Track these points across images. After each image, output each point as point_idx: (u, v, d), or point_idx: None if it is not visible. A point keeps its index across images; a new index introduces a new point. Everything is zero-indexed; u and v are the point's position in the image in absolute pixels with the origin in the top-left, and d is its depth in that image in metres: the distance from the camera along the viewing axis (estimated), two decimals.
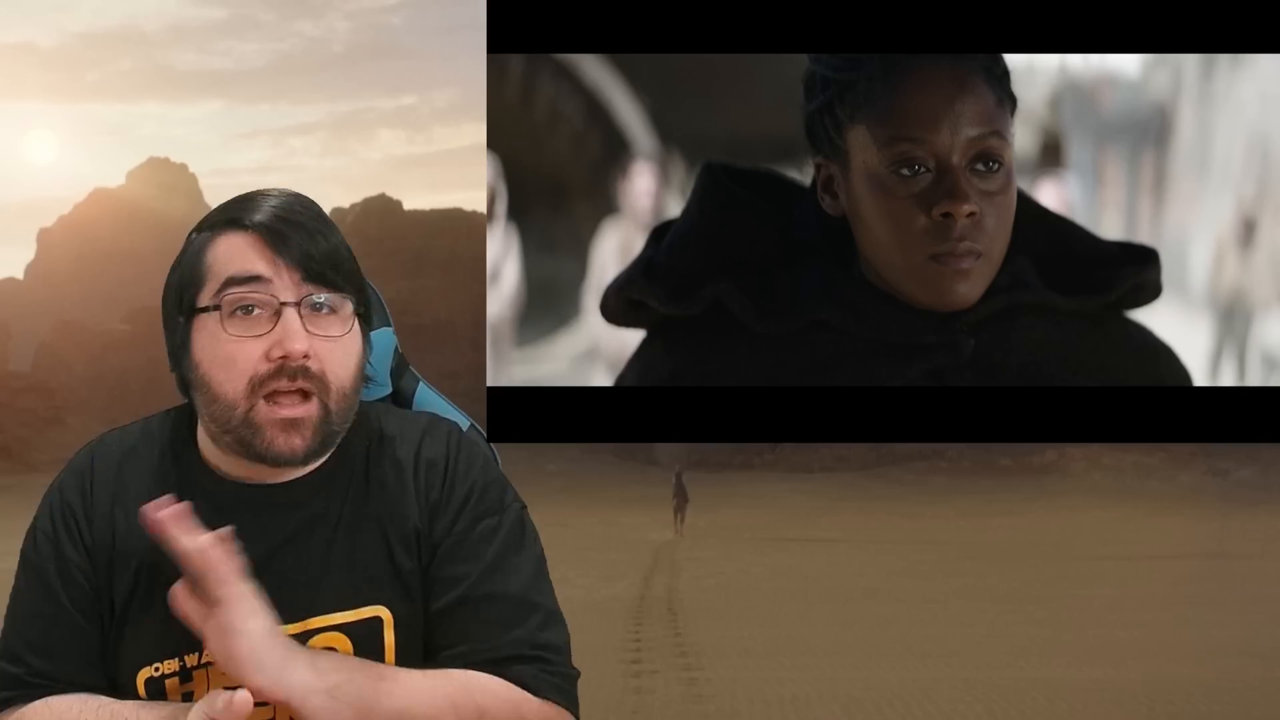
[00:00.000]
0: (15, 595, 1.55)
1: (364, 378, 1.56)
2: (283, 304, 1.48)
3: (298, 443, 1.49)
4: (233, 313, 1.48)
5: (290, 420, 1.48)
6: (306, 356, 1.47)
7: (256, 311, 1.48)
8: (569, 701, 1.54)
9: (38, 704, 1.50)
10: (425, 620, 1.54)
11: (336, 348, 1.50)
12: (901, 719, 9.59)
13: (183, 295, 1.52)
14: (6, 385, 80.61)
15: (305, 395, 1.48)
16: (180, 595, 1.42)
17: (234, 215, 1.52)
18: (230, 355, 1.48)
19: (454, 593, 1.53)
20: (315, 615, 1.51)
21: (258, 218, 1.50)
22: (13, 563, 1.60)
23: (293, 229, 1.50)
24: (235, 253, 1.50)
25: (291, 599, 1.49)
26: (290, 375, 1.47)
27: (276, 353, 1.47)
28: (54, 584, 1.52)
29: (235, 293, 1.48)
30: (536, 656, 1.52)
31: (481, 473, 1.60)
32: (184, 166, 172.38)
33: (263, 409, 1.48)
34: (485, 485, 1.59)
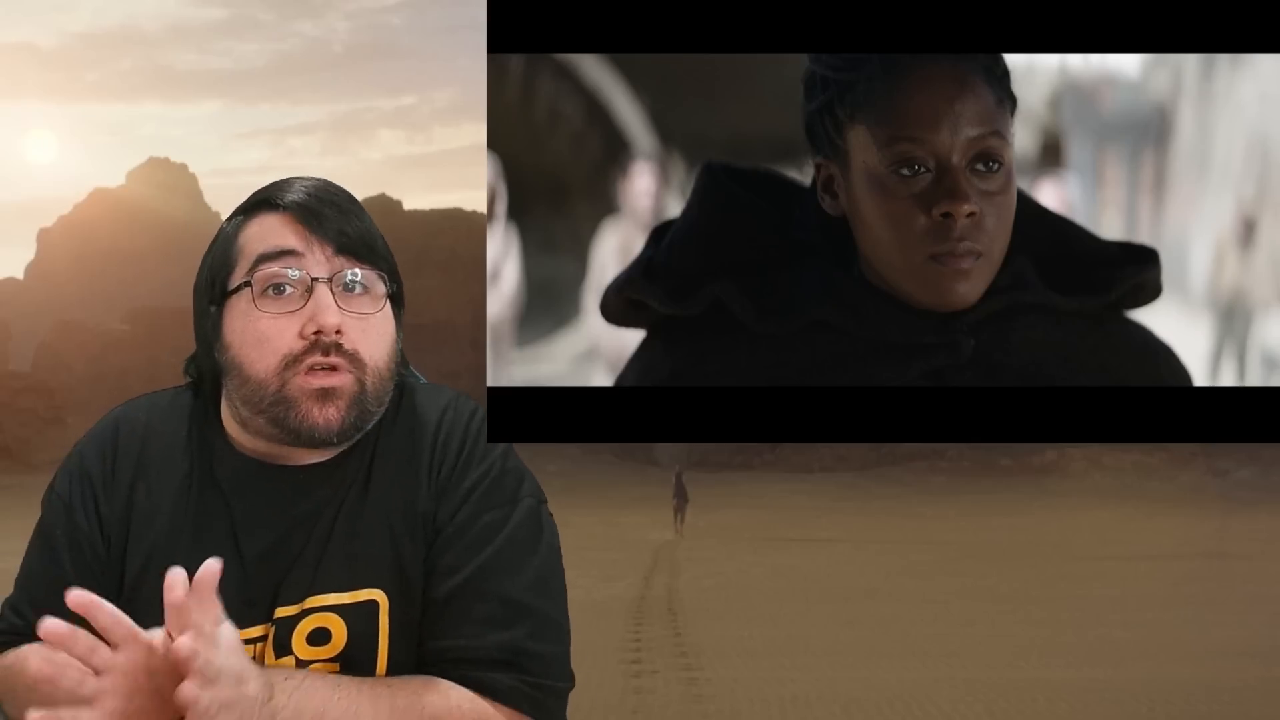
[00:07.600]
0: (28, 550, 1.55)
1: (398, 361, 1.54)
2: (314, 280, 1.46)
3: (333, 414, 1.45)
4: (264, 291, 1.46)
5: (325, 390, 1.45)
6: (339, 332, 1.45)
7: (289, 290, 1.46)
8: (544, 715, 1.48)
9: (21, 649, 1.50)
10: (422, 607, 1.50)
11: (369, 326, 1.48)
12: (901, 719, 9.59)
13: (214, 281, 1.51)
14: (6, 385, 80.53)
15: (339, 370, 1.46)
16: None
17: (266, 196, 1.51)
18: (263, 333, 1.46)
19: (448, 584, 1.49)
20: (313, 595, 1.48)
21: (290, 197, 1.49)
22: (13, 563, 1.61)
23: (326, 206, 1.48)
24: (267, 231, 1.48)
25: (296, 580, 1.48)
26: (324, 350, 1.44)
27: (310, 328, 1.44)
28: (60, 548, 1.52)
29: (267, 268, 1.46)
30: (516, 664, 1.46)
31: (500, 459, 1.57)
32: (184, 166, 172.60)
33: (296, 383, 1.45)
34: (500, 473, 1.56)
